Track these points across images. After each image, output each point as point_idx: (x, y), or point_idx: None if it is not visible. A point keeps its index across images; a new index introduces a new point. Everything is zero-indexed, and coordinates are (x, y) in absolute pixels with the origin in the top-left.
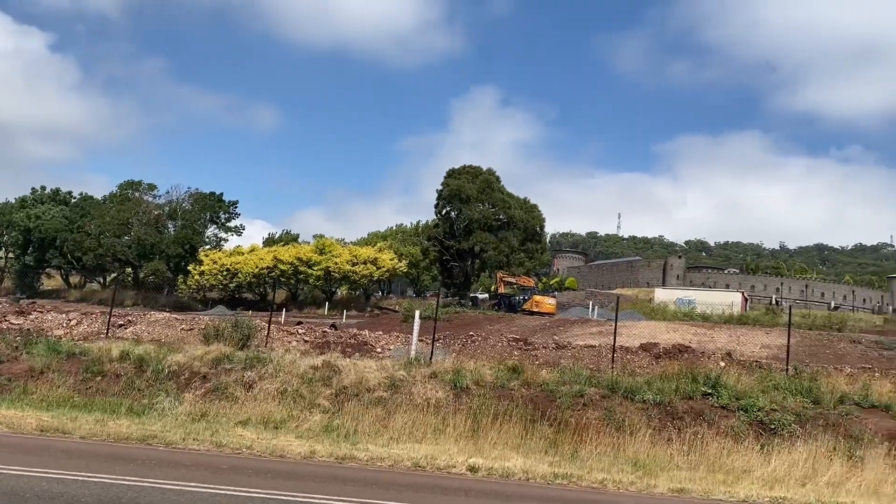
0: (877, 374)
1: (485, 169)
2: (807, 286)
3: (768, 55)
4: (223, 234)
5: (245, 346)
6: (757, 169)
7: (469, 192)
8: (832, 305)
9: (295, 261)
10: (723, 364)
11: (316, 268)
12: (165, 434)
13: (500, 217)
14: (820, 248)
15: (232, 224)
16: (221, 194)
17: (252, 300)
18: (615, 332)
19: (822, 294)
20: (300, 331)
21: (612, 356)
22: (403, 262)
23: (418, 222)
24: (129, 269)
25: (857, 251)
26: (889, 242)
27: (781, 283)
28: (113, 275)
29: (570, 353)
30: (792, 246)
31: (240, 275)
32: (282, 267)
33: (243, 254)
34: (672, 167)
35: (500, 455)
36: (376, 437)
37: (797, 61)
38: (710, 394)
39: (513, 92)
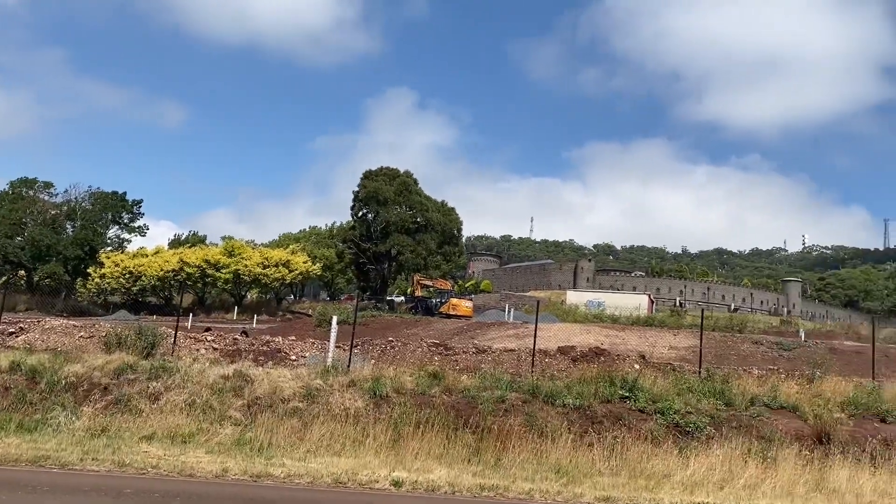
0: (783, 374)
1: (402, 171)
2: (708, 289)
3: (674, 65)
4: (126, 235)
5: (150, 355)
6: (662, 175)
7: (386, 194)
8: (732, 307)
9: (202, 263)
10: (637, 367)
11: (225, 271)
12: (61, 454)
13: (418, 220)
14: (720, 252)
15: (135, 224)
16: (124, 193)
17: (157, 304)
18: (535, 336)
19: (723, 296)
20: (209, 337)
21: (533, 360)
22: (317, 264)
23: (333, 224)
24: (23, 272)
25: (753, 255)
26: (783, 247)
27: (685, 286)
28: (3, 278)
29: (491, 357)
30: (693, 250)
31: (143, 278)
32: (188, 269)
33: (147, 256)
34: (582, 173)
35: (422, 466)
36: (292, 451)
37: (701, 72)
38: (627, 397)
39: (428, 94)
